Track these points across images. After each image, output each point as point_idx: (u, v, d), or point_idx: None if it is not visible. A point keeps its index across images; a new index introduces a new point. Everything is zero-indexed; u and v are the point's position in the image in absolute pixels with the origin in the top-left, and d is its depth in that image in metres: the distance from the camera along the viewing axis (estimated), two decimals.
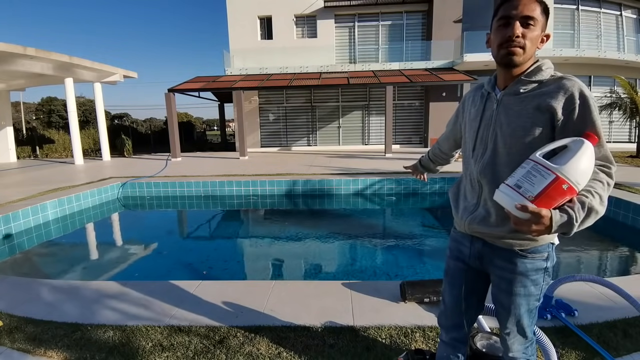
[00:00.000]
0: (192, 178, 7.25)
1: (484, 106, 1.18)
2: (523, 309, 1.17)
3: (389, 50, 14.32)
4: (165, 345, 1.94)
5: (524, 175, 0.94)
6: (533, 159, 0.96)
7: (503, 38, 1.05)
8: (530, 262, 1.13)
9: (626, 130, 13.92)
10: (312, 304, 2.36)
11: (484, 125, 1.17)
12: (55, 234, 5.06)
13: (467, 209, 1.23)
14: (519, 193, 0.92)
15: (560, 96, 1.01)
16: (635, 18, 14.05)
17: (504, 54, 1.06)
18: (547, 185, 0.89)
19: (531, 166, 0.94)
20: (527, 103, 1.06)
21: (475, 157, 1.18)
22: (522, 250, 1.13)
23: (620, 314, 2.11)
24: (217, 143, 21.29)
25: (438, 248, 4.38)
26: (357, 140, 14.62)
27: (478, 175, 1.16)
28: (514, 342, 1.24)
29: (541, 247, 1.13)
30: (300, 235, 5.05)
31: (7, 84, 11.85)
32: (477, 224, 1.18)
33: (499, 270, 1.19)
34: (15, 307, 2.37)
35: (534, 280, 1.14)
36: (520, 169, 0.97)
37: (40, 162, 12.22)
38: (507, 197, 0.95)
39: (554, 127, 1.03)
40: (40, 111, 31.23)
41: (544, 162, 0.92)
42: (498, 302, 1.23)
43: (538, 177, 0.91)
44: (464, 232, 1.26)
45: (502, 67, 1.11)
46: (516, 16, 1.03)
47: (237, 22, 13.97)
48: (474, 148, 1.19)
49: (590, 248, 4.22)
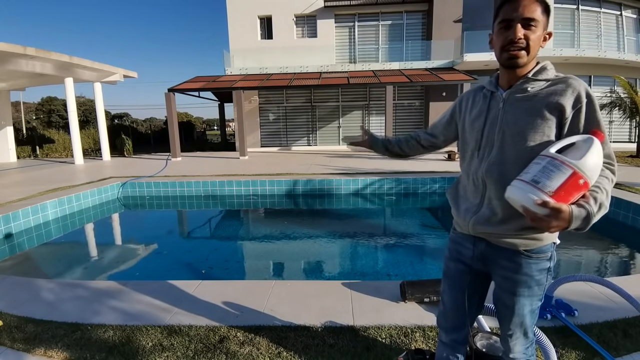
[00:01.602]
0: (192, 178, 7.25)
1: (489, 106, 1.17)
2: (526, 310, 1.17)
3: (389, 50, 14.31)
4: (165, 345, 1.94)
5: (540, 170, 0.93)
6: (548, 154, 0.95)
7: (505, 41, 1.05)
8: (535, 263, 1.13)
9: (626, 130, 13.92)
10: (312, 303, 2.36)
11: (489, 125, 1.15)
12: (55, 233, 5.05)
13: (470, 210, 1.21)
14: (537, 188, 0.90)
15: (569, 95, 1.02)
16: (635, 18, 14.05)
17: (507, 57, 1.07)
18: (566, 180, 0.89)
19: (547, 161, 0.93)
20: (535, 101, 1.06)
21: (481, 157, 1.17)
22: (526, 251, 1.13)
23: (620, 314, 2.11)
24: (217, 143, 21.29)
25: (438, 248, 4.38)
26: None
27: (484, 174, 1.14)
28: (516, 344, 1.23)
29: (545, 247, 1.13)
30: (300, 235, 5.05)
31: (7, 83, 11.85)
32: (481, 224, 1.16)
33: (503, 271, 1.18)
34: (15, 306, 2.37)
35: (538, 280, 1.14)
36: (535, 165, 0.96)
37: (40, 161, 12.22)
38: (523, 193, 0.93)
39: (561, 125, 1.04)
40: (40, 111, 31.22)
41: (561, 158, 0.92)
42: (501, 303, 1.22)
43: (556, 172, 0.90)
44: (466, 233, 1.25)
45: (507, 68, 1.11)
46: (517, 18, 1.02)
47: (237, 22, 13.96)
48: (480, 147, 1.18)
49: (590, 248, 4.22)
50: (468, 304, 1.31)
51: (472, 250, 1.24)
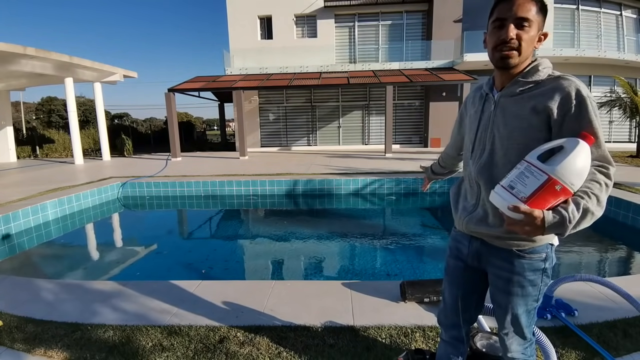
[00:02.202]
0: (192, 178, 7.25)
1: (483, 107, 1.18)
2: (521, 309, 1.17)
3: (389, 50, 14.31)
4: (165, 345, 1.94)
5: (517, 176, 0.94)
6: (527, 159, 0.96)
7: (497, 40, 1.04)
8: (528, 263, 1.13)
9: (626, 130, 13.92)
10: (312, 303, 2.36)
11: (482, 127, 1.17)
12: (55, 233, 5.05)
13: (466, 209, 1.23)
14: (512, 194, 0.93)
15: (556, 96, 0.99)
16: (635, 18, 14.05)
17: (498, 57, 1.06)
18: (540, 186, 0.89)
19: (524, 167, 0.94)
20: (523, 104, 1.05)
21: (474, 158, 1.19)
22: (519, 251, 1.13)
23: (620, 314, 2.11)
24: (217, 143, 21.28)
25: (438, 248, 4.38)
26: (357, 140, 14.62)
27: (476, 176, 1.17)
28: (512, 343, 1.24)
29: (539, 248, 1.13)
30: (300, 235, 5.05)
31: (7, 83, 11.85)
32: (474, 224, 1.18)
33: (496, 270, 1.19)
34: (15, 307, 2.36)
35: (532, 280, 1.14)
36: (515, 169, 0.97)
37: (40, 161, 12.21)
38: (500, 198, 0.95)
39: (550, 127, 1.02)
40: (40, 111, 31.19)
41: (536, 163, 0.92)
42: (495, 301, 1.23)
43: (531, 178, 0.91)
44: (463, 232, 1.27)
45: (499, 69, 1.11)
46: (510, 18, 1.01)
47: (237, 22, 13.96)
48: (473, 149, 1.20)
49: (590, 248, 4.22)
50: (467, 303, 1.32)
51: (468, 248, 1.26)
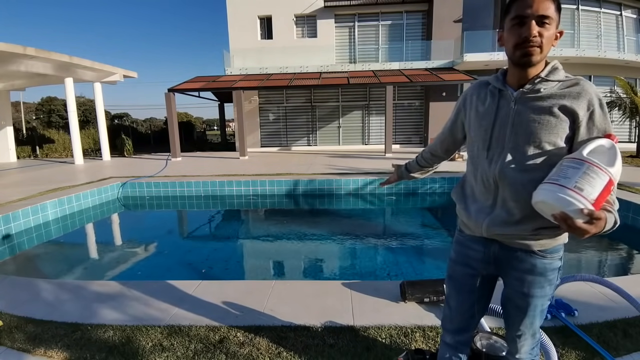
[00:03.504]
0: (192, 178, 7.25)
1: (498, 104, 1.12)
2: (537, 310, 1.17)
3: (389, 50, 14.31)
4: (165, 345, 1.94)
5: (580, 176, 0.89)
6: (584, 159, 0.91)
7: (519, 38, 1.02)
8: (549, 262, 1.13)
9: (626, 130, 13.91)
10: (312, 303, 2.36)
11: (499, 124, 1.11)
12: (55, 234, 5.05)
13: (483, 211, 1.16)
14: (582, 196, 0.87)
15: (582, 97, 1.02)
16: (635, 18, 14.04)
17: (520, 54, 1.03)
18: (604, 187, 0.89)
19: (586, 167, 0.90)
20: (550, 102, 1.04)
21: (491, 157, 1.12)
22: (541, 251, 1.12)
23: (620, 314, 2.11)
24: (217, 143, 21.28)
25: (438, 248, 4.38)
26: (357, 140, 14.62)
27: (497, 175, 1.10)
28: (524, 344, 1.23)
29: (558, 246, 1.13)
30: (300, 235, 5.05)
31: (7, 83, 11.85)
32: (497, 226, 1.13)
33: (516, 273, 1.16)
34: (15, 307, 2.37)
35: (551, 280, 1.14)
36: (571, 169, 0.92)
37: (40, 162, 12.21)
38: (566, 200, 0.88)
39: (574, 127, 1.03)
40: (40, 111, 31.20)
41: (599, 164, 0.90)
42: (512, 304, 1.20)
43: (596, 179, 0.88)
44: (477, 236, 1.21)
45: (519, 67, 1.07)
46: (531, 15, 0.99)
47: (237, 22, 13.96)
48: (489, 148, 1.13)
49: (590, 248, 4.22)
50: (477, 309, 1.30)
51: (482, 253, 1.21)
